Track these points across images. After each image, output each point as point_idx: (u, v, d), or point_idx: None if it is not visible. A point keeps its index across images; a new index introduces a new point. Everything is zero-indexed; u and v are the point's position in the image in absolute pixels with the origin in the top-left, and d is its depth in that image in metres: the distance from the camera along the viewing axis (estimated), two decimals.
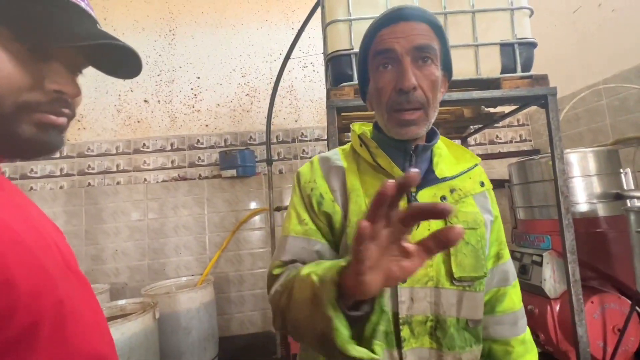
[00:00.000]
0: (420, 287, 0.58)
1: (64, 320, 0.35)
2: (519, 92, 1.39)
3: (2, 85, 0.36)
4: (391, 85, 0.58)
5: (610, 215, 1.66)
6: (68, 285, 0.38)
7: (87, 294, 0.43)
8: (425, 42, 0.57)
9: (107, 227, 2.70)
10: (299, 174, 0.68)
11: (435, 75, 0.58)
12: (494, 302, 0.69)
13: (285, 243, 0.62)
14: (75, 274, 0.42)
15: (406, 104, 0.57)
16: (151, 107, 2.86)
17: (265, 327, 2.73)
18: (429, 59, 0.58)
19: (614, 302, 1.56)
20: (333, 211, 0.62)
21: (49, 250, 0.38)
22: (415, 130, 0.59)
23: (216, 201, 2.81)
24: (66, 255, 0.42)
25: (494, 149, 3.04)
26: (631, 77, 2.04)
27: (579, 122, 2.44)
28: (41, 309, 0.33)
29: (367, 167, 0.66)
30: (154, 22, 2.90)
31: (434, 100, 0.59)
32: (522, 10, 1.41)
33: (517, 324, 0.69)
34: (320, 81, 2.97)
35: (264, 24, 2.99)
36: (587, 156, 1.72)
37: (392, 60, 0.58)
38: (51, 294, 0.35)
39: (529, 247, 1.83)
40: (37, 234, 0.38)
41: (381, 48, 0.58)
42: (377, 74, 0.60)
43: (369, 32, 0.62)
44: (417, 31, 0.57)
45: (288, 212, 0.67)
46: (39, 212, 0.44)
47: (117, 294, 2.53)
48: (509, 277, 0.70)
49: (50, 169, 2.71)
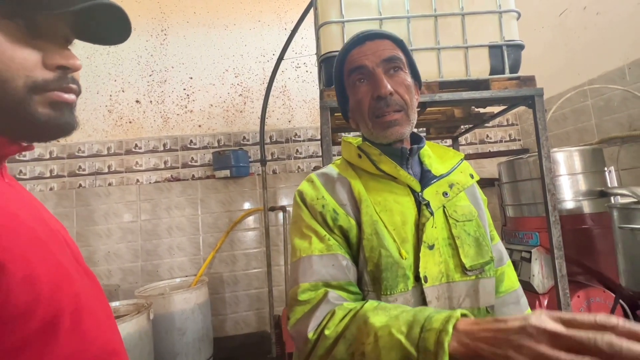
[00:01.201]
0: (439, 284, 0.59)
1: (80, 313, 0.36)
2: (507, 92, 1.43)
3: (9, 69, 0.35)
4: (369, 95, 0.64)
5: (595, 212, 1.72)
6: (81, 280, 0.39)
7: (95, 288, 0.44)
8: (392, 54, 0.64)
9: (99, 228, 2.67)
10: (302, 193, 0.66)
11: (407, 81, 0.65)
12: (496, 284, 0.71)
13: (310, 264, 0.57)
14: (85, 269, 0.44)
15: (386, 108, 0.62)
16: (143, 108, 2.84)
17: (260, 327, 2.74)
18: (398, 68, 0.64)
19: (599, 296, 1.61)
20: (349, 226, 0.61)
21: (62, 247, 0.39)
22: (400, 130, 0.63)
23: (210, 202, 2.80)
24: (75, 251, 0.44)
25: (484, 148, 3.09)
26: (615, 78, 2.11)
27: (566, 122, 2.50)
28: (61, 302, 0.34)
29: (368, 176, 0.66)
30: (145, 22, 2.88)
31: (413, 103, 0.65)
32: (509, 13, 1.45)
33: (520, 302, 0.72)
34: (313, 81, 2.99)
35: (257, 25, 2.99)
36: (573, 155, 1.78)
37: (365, 75, 0.64)
38: (69, 287, 0.36)
39: (519, 244, 1.87)
40: (50, 230, 0.39)
41: (353, 66, 0.65)
42: (354, 88, 0.66)
43: (339, 56, 0.68)
44: (382, 47, 0.64)
45: (300, 233, 0.62)
46: (45, 210, 0.45)
47: (110, 296, 2.51)
48: (503, 257, 0.74)
49: (40, 170, 2.67)
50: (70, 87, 0.40)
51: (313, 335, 0.50)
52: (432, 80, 1.42)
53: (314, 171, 0.71)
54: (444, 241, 0.62)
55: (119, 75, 2.83)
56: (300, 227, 0.63)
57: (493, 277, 0.65)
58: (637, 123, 2.00)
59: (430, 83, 1.41)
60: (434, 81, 1.41)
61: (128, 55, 2.84)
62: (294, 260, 0.61)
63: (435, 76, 1.43)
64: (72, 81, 0.40)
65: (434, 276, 0.59)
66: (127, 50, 2.84)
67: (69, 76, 0.40)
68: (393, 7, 1.43)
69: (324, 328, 0.50)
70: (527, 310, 0.73)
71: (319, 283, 0.56)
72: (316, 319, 0.52)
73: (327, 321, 0.51)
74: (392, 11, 1.43)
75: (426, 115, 1.83)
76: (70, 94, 0.40)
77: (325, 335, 0.49)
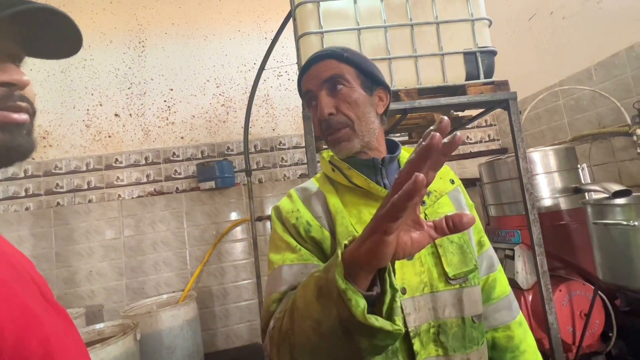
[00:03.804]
0: (419, 295, 0.59)
1: (52, 357, 0.34)
2: (483, 97, 1.48)
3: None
4: (317, 118, 0.67)
5: (572, 208, 1.79)
6: (51, 320, 0.37)
7: (67, 325, 0.42)
8: (333, 73, 0.64)
9: (80, 247, 2.58)
10: (278, 208, 0.68)
11: (351, 97, 0.64)
12: (488, 290, 0.72)
13: (281, 274, 0.59)
14: (53, 305, 0.41)
15: (329, 129, 0.65)
16: (122, 121, 2.78)
17: (252, 339, 2.70)
18: (340, 85, 0.64)
19: (579, 289, 1.67)
20: (322, 237, 0.62)
21: (27, 286, 0.37)
22: (347, 145, 0.65)
23: (195, 214, 2.76)
24: (41, 286, 0.41)
25: (465, 149, 3.18)
26: (583, 78, 2.22)
27: (540, 122, 2.61)
28: (28, 349, 0.32)
29: (344, 189, 0.67)
30: (122, 34, 2.83)
31: (362, 115, 0.65)
32: (482, 21, 1.51)
33: (512, 307, 0.73)
34: (295, 89, 3.00)
35: (237, 34, 2.99)
36: (548, 154, 1.85)
37: (313, 98, 0.67)
38: (38, 331, 0.33)
39: (502, 242, 1.92)
40: (13, 269, 0.36)
41: (303, 91, 0.69)
42: (311, 111, 0.70)
43: (298, 80, 0.71)
44: (324, 68, 0.65)
45: (274, 246, 0.64)
46: (7, 244, 0.42)
47: (93, 318, 2.42)
48: (494, 263, 0.74)
49: (14, 190, 2.56)
50: (19, 105, 0.37)
51: (272, 328, 0.53)
52: (411, 87, 1.45)
53: (299, 181, 0.73)
54: (425, 250, 0.61)
55: (95, 88, 2.76)
56: (274, 241, 0.65)
57: (478, 285, 0.65)
58: (605, 121, 2.11)
59: (409, 90, 1.45)
60: (413, 88, 1.45)
61: (105, 68, 2.78)
62: (269, 273, 0.63)
63: (414, 83, 1.46)
64: (20, 99, 0.37)
65: (414, 287, 0.59)
66: (103, 63, 2.78)
67: (16, 94, 0.37)
68: (370, 17, 1.46)
69: (277, 314, 0.53)
70: (518, 315, 0.73)
71: (288, 291, 0.57)
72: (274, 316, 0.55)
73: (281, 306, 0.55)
74: (369, 21, 1.46)
75: (408, 121, 1.87)
76: (21, 114, 0.37)
77: (277, 318, 0.52)
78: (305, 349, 0.45)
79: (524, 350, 0.70)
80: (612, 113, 2.05)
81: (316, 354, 0.45)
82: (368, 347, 0.41)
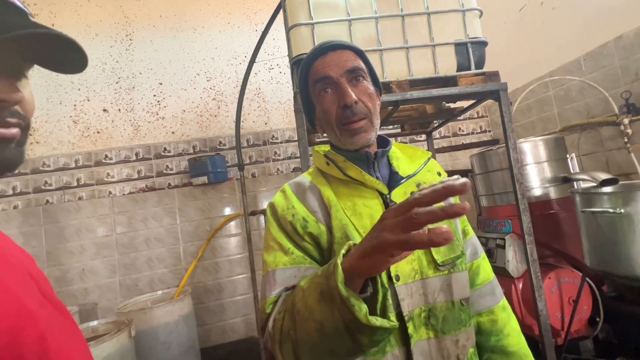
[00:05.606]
0: (412, 281, 0.61)
1: (47, 356, 0.34)
2: (474, 88, 1.48)
3: None
4: (335, 104, 0.65)
5: (561, 197, 1.82)
6: (48, 317, 0.36)
7: (67, 322, 0.41)
8: (355, 65, 0.66)
9: (71, 245, 2.55)
10: (273, 205, 0.68)
11: (370, 89, 0.67)
12: (472, 276, 0.74)
13: (274, 277, 0.61)
14: (53, 302, 0.40)
15: (352, 116, 0.64)
16: (111, 117, 2.72)
17: (248, 334, 2.71)
18: (360, 77, 0.66)
19: (568, 276, 1.71)
20: (319, 232, 0.64)
21: (24, 283, 0.36)
22: (365, 136, 0.66)
23: (188, 210, 2.74)
24: (41, 283, 0.40)
25: (457, 141, 3.20)
26: (572, 69, 2.24)
27: (531, 112, 2.63)
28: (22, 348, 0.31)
29: (338, 182, 0.69)
30: (108, 27, 2.76)
31: (375, 110, 0.68)
32: (472, 12, 1.50)
33: (495, 292, 0.76)
34: (287, 82, 2.97)
35: (227, 27, 2.94)
36: (538, 144, 1.87)
37: (330, 85, 0.66)
38: (32, 331, 0.33)
39: (493, 232, 1.95)
40: (9, 266, 0.36)
41: (318, 77, 0.66)
42: (320, 98, 0.67)
43: (303, 66, 0.70)
44: (344, 57, 0.66)
45: (268, 246, 0.66)
46: (5, 240, 0.41)
47: (87, 316, 2.40)
48: (478, 250, 0.77)
49: (1, 188, 2.51)
50: (8, 121, 0.37)
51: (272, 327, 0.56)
52: (403, 78, 1.45)
53: (293, 175, 0.73)
54: None
55: (82, 83, 2.70)
56: (267, 241, 0.67)
57: (465, 270, 0.67)
58: (594, 111, 2.13)
59: (401, 81, 1.44)
60: (405, 79, 1.45)
61: (91, 62, 2.71)
62: (263, 274, 0.65)
63: (405, 74, 1.46)
64: (10, 115, 0.37)
65: (407, 274, 0.61)
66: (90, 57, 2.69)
67: (10, 108, 0.37)
68: (361, 8, 1.45)
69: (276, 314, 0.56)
70: (502, 299, 0.76)
71: (283, 293, 0.60)
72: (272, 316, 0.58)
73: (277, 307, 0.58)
74: (360, 12, 1.44)
75: (400, 113, 1.87)
76: (11, 128, 0.37)
77: (276, 318, 0.55)
78: (308, 347, 0.50)
79: (507, 334, 0.72)
80: (600, 103, 2.08)
81: (318, 351, 0.50)
82: (368, 342, 0.46)
